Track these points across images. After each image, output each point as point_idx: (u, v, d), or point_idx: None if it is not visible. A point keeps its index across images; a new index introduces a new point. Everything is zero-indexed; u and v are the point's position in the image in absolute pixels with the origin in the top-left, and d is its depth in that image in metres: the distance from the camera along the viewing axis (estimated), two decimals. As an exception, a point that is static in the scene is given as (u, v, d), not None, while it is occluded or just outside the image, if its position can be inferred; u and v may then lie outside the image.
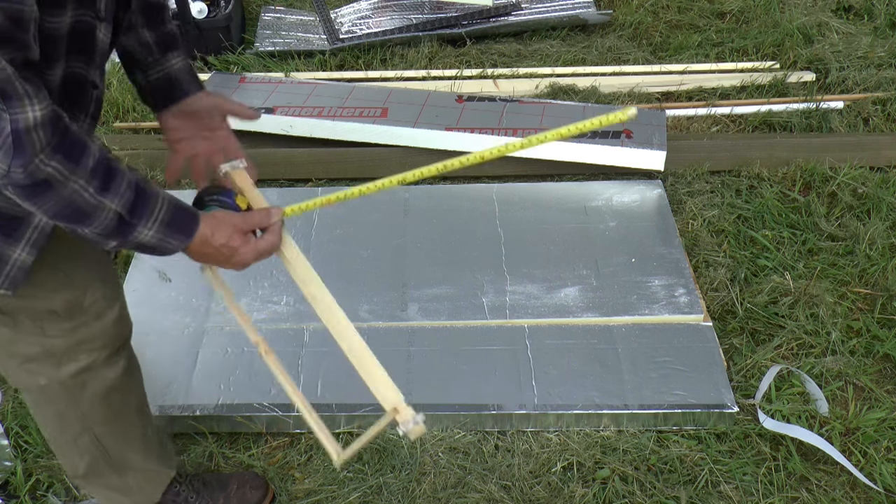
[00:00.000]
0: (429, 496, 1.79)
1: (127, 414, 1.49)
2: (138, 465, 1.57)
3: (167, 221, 1.12)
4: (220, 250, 1.21)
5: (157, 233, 1.11)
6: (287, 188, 2.62)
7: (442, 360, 2.01)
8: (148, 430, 1.57)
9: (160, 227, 1.11)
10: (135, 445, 1.54)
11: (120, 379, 1.42)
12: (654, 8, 3.69)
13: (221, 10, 3.31)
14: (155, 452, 1.60)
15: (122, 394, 1.46)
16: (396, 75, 3.20)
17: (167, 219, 1.12)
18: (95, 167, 1.03)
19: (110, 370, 1.40)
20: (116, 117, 2.99)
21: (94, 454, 1.49)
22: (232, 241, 1.21)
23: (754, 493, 1.80)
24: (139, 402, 1.53)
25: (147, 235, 1.10)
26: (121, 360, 1.43)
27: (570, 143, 2.59)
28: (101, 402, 1.41)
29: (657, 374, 1.97)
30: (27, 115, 0.93)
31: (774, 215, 2.51)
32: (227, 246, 1.21)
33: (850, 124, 2.93)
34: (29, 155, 0.94)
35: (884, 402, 1.99)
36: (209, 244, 1.19)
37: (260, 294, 2.19)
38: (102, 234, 1.07)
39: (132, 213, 1.08)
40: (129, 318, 1.47)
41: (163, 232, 1.12)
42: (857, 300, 2.26)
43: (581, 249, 2.32)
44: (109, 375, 1.40)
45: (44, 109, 0.95)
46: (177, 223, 1.14)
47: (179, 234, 1.15)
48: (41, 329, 1.28)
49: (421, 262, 2.29)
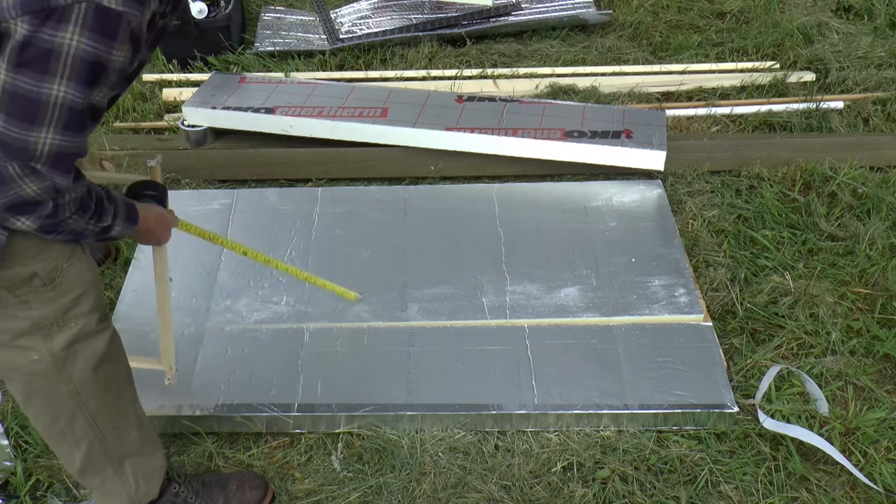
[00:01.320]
0: (429, 496, 1.79)
1: (118, 384, 1.50)
2: (135, 448, 1.56)
3: (125, 217, 1.40)
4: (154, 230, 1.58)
5: (120, 225, 1.39)
6: (287, 188, 2.62)
7: (442, 360, 2.01)
8: (138, 405, 1.58)
9: (123, 221, 1.39)
10: (129, 419, 1.54)
11: (108, 347, 1.45)
12: (654, 8, 3.69)
13: (221, 10, 3.31)
14: (148, 431, 1.60)
15: (112, 363, 1.47)
16: (396, 75, 3.20)
17: (125, 215, 1.40)
18: (94, 215, 1.32)
19: (99, 339, 1.43)
20: (116, 117, 2.99)
21: (90, 441, 1.49)
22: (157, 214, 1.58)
23: (754, 493, 1.80)
24: (127, 370, 1.54)
25: (117, 230, 1.39)
26: (108, 327, 1.46)
27: (571, 143, 2.59)
28: (93, 374, 1.43)
29: (657, 374, 1.97)
30: (67, 196, 1.24)
31: (774, 215, 2.51)
32: (161, 224, 1.59)
33: (850, 124, 2.93)
34: (60, 218, 1.25)
35: (884, 402, 1.99)
36: (148, 226, 1.53)
37: (260, 294, 2.19)
38: (94, 238, 1.37)
39: (110, 228, 1.38)
40: (101, 287, 1.55)
41: (123, 224, 1.40)
42: (857, 300, 2.26)
43: (581, 249, 2.32)
44: (99, 344, 1.43)
45: (80, 190, 1.26)
46: (131, 215, 1.42)
47: (131, 222, 1.42)
48: (27, 303, 1.33)
49: (421, 262, 2.29)
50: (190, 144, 2.74)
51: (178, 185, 2.67)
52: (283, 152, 2.70)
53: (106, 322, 1.46)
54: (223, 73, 3.08)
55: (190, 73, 3.24)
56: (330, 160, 2.70)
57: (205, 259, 2.29)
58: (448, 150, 2.65)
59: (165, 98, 3.07)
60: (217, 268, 2.27)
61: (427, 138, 2.65)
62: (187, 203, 2.49)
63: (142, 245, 1.83)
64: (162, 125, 2.95)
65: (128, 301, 2.18)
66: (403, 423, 1.91)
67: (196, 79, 3.19)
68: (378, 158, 2.69)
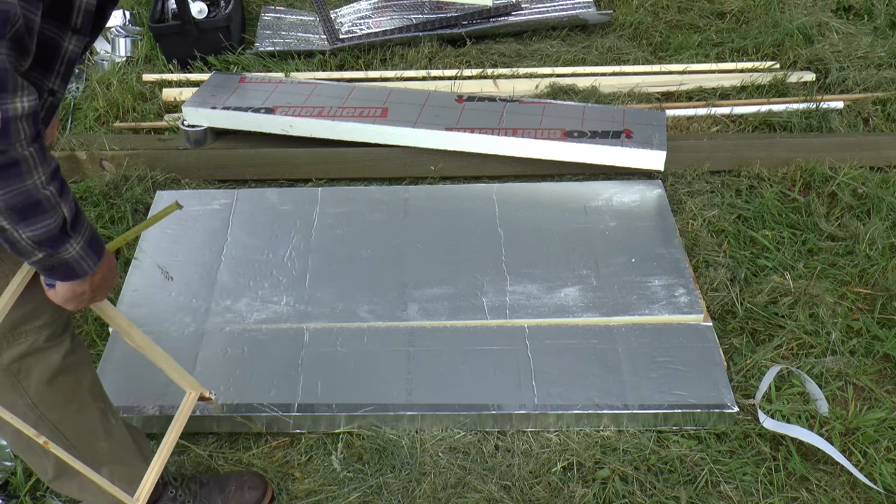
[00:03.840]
0: (429, 496, 1.79)
1: (79, 396, 1.47)
2: (107, 456, 1.53)
3: (89, 240, 1.23)
4: (113, 273, 1.34)
5: (80, 250, 1.21)
6: (287, 188, 2.62)
7: (442, 360, 2.01)
8: (109, 415, 1.54)
9: (84, 245, 1.21)
10: (97, 431, 1.51)
11: (64, 360, 1.41)
12: (654, 8, 3.69)
13: (221, 10, 3.31)
14: (122, 440, 1.56)
15: (70, 375, 1.44)
16: (396, 75, 3.20)
17: (89, 238, 1.23)
18: (56, 170, 1.14)
19: (53, 353, 1.40)
20: (116, 117, 2.99)
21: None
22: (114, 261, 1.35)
23: (754, 493, 1.80)
24: (91, 382, 1.50)
25: (74, 250, 1.20)
26: (64, 340, 1.42)
27: (571, 143, 2.58)
28: (48, 386, 1.40)
29: (657, 374, 1.97)
30: (16, 105, 1.03)
31: (774, 215, 2.51)
32: (115, 266, 1.35)
33: (850, 124, 2.93)
34: (12, 140, 1.04)
35: (884, 402, 1.99)
36: (108, 268, 1.31)
37: (260, 294, 2.19)
38: (39, 238, 1.14)
39: (73, 225, 1.18)
40: None
41: (84, 250, 1.22)
42: (857, 300, 2.26)
43: (581, 249, 2.32)
44: (54, 358, 1.40)
45: (31, 101, 1.05)
46: (95, 244, 1.25)
47: (94, 255, 1.25)
48: None
49: (421, 262, 2.29)
50: (190, 144, 2.74)
51: (178, 185, 2.67)
52: (283, 152, 2.70)
53: (61, 336, 1.41)
54: (223, 73, 3.08)
55: (190, 73, 3.24)
56: (330, 160, 2.70)
57: (205, 259, 2.29)
58: (448, 150, 2.65)
59: (165, 98, 3.07)
60: (217, 268, 2.27)
61: (427, 138, 2.65)
62: (187, 203, 2.49)
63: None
64: (162, 125, 2.95)
65: (128, 301, 2.18)
66: (403, 423, 1.91)
67: (196, 79, 3.19)
68: (378, 158, 2.69)
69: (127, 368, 1.99)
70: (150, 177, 2.63)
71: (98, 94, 3.05)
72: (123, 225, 2.48)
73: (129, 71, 3.21)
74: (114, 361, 2.01)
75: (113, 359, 2.02)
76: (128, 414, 1.87)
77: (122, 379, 1.95)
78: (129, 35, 3.43)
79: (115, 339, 2.07)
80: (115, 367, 2.00)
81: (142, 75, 3.21)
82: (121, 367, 1.99)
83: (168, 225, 2.41)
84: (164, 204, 2.49)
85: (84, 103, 3.06)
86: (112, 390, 1.63)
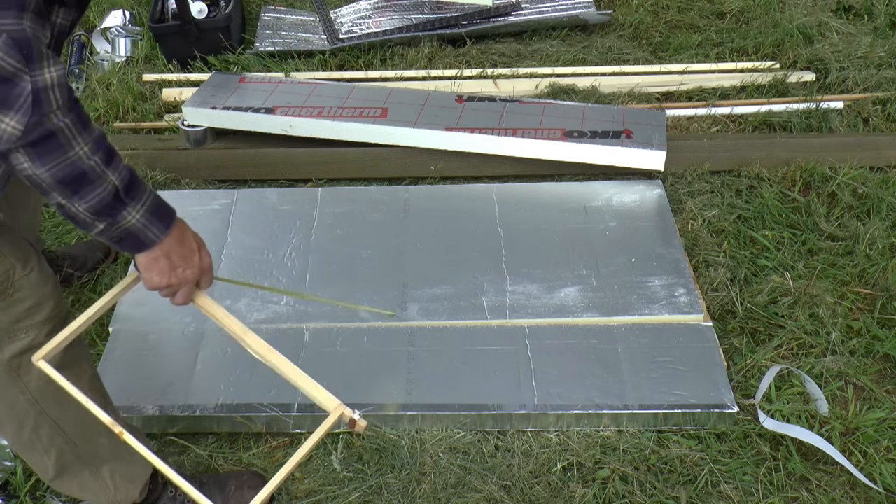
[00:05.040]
0: (429, 496, 1.79)
1: (80, 391, 1.45)
2: (108, 453, 1.53)
3: (152, 209, 1.22)
4: (188, 247, 1.30)
5: (142, 217, 1.20)
6: (287, 188, 2.62)
7: (442, 360, 2.01)
8: (108, 412, 1.49)
9: (146, 213, 1.21)
10: (97, 427, 1.48)
11: (64, 355, 1.41)
12: (654, 8, 3.69)
13: (221, 10, 3.31)
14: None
15: (69, 370, 1.42)
16: (396, 75, 3.20)
17: (153, 207, 1.22)
18: (100, 138, 1.13)
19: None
20: (116, 117, 2.99)
21: (60, 447, 1.46)
22: (200, 239, 1.32)
23: (754, 493, 1.80)
24: (91, 378, 1.50)
25: (134, 219, 1.19)
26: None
27: (571, 143, 2.58)
28: (49, 382, 1.39)
29: (657, 374, 1.97)
30: (45, 76, 1.03)
31: (774, 215, 2.51)
32: (195, 243, 1.31)
33: (850, 124, 2.93)
34: (45, 110, 1.04)
35: (884, 402, 1.99)
36: (181, 240, 1.28)
37: (260, 294, 2.19)
38: (95, 208, 1.14)
39: (127, 193, 1.17)
40: (64, 298, 1.47)
41: (147, 218, 1.21)
42: (857, 300, 2.26)
43: (581, 249, 2.32)
44: (54, 353, 1.38)
45: (59, 71, 1.04)
46: (160, 212, 1.24)
47: (161, 223, 1.24)
48: None
49: (421, 262, 2.29)
50: (190, 144, 2.74)
51: (178, 185, 2.67)
52: (283, 152, 2.70)
53: (59, 330, 1.40)
54: (223, 73, 3.08)
55: (190, 73, 3.24)
56: (330, 160, 2.70)
57: (205, 259, 2.29)
58: (448, 150, 2.65)
59: (165, 98, 3.07)
60: (217, 268, 2.27)
61: (427, 138, 2.65)
62: (187, 203, 2.49)
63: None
64: (162, 125, 2.95)
65: (128, 301, 2.17)
66: (403, 423, 1.91)
67: (196, 79, 3.19)
68: (378, 158, 2.69)
69: (127, 368, 1.99)
70: (150, 177, 2.63)
71: (98, 94, 3.05)
72: (123, 225, 2.48)
73: (129, 71, 3.21)
74: (114, 361, 2.01)
75: (113, 359, 2.02)
76: (128, 414, 1.87)
77: (122, 379, 1.95)
78: (129, 35, 3.43)
79: (115, 339, 2.07)
80: (115, 367, 2.00)
81: (142, 75, 3.21)
82: (121, 367, 2.00)
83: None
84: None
85: (84, 103, 3.06)
86: (112, 390, 1.63)
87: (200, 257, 1.32)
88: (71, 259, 2.26)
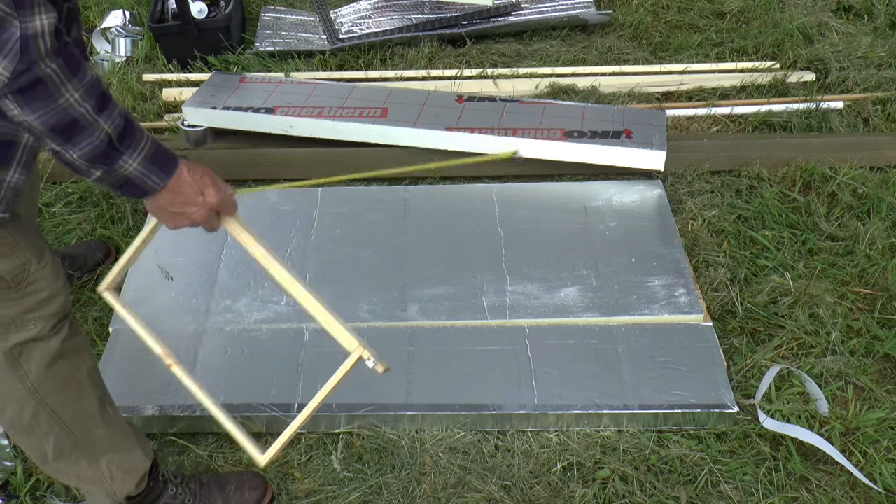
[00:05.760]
0: (429, 496, 1.79)
1: (78, 380, 1.48)
2: (105, 445, 1.54)
3: (150, 156, 1.19)
4: (191, 190, 1.26)
5: (140, 165, 1.18)
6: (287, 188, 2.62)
7: (442, 360, 2.01)
8: (107, 404, 1.55)
9: (143, 161, 1.18)
10: (95, 418, 1.51)
11: (63, 345, 1.43)
12: (654, 8, 3.69)
13: (221, 10, 3.31)
14: (120, 430, 1.57)
15: (69, 360, 1.45)
16: (396, 75, 3.20)
17: (150, 153, 1.19)
18: (92, 85, 1.10)
19: (54, 338, 1.42)
20: (116, 117, 2.99)
21: (57, 434, 1.47)
22: (206, 178, 1.28)
23: (754, 493, 1.80)
24: (90, 370, 1.51)
25: (131, 167, 1.18)
26: (64, 326, 1.44)
27: (570, 143, 2.58)
28: (48, 370, 1.41)
29: (657, 374, 1.97)
30: (35, 23, 1.02)
31: (774, 215, 2.51)
32: (201, 182, 1.27)
33: (850, 124, 2.93)
34: (34, 57, 1.03)
35: (884, 402, 1.99)
36: (181, 187, 1.25)
37: (260, 294, 2.19)
38: (89, 156, 1.13)
39: (121, 140, 1.15)
40: (70, 295, 1.49)
41: (145, 166, 1.19)
42: (857, 300, 2.26)
43: (581, 249, 2.32)
44: (53, 342, 1.41)
45: (50, 19, 1.03)
46: (159, 159, 1.21)
47: (161, 170, 1.21)
48: None
49: (421, 262, 2.29)
50: (190, 144, 2.74)
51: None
52: (283, 152, 2.70)
53: (63, 322, 1.43)
54: (223, 73, 3.08)
55: (190, 73, 3.24)
56: (330, 160, 2.70)
57: (205, 259, 2.29)
58: (448, 150, 2.65)
59: (165, 98, 3.07)
60: (217, 268, 2.27)
61: (427, 138, 2.65)
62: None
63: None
64: (162, 125, 2.95)
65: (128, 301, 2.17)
66: (403, 423, 1.91)
67: (196, 79, 3.19)
68: (378, 158, 2.69)
69: (127, 368, 1.99)
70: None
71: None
72: (123, 225, 2.48)
73: (129, 71, 3.22)
74: (114, 361, 2.01)
75: (113, 359, 2.02)
76: (128, 414, 1.87)
77: (122, 379, 1.95)
78: (129, 35, 3.43)
79: (115, 339, 2.07)
80: (115, 367, 2.00)
81: (142, 75, 3.21)
82: (121, 367, 2.00)
83: (168, 225, 2.41)
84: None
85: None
86: (112, 390, 1.62)
87: (206, 196, 1.28)
88: (71, 259, 2.27)
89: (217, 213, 1.33)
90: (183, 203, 1.27)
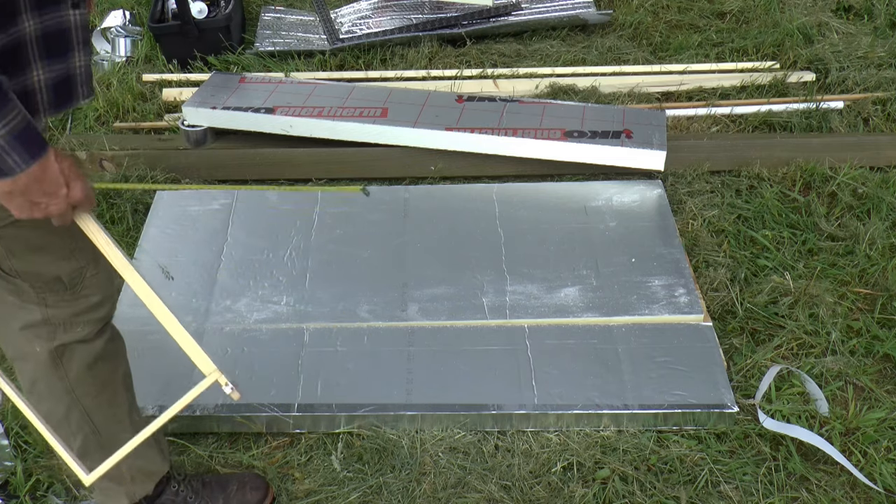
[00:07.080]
0: (429, 496, 1.79)
1: (114, 385, 1.51)
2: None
3: (17, 133, 1.06)
4: (53, 182, 1.14)
5: (3, 140, 1.05)
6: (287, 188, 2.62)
7: (442, 360, 2.01)
8: (134, 412, 1.58)
9: (8, 135, 1.05)
10: (123, 423, 1.54)
11: (105, 347, 1.46)
12: (654, 8, 3.69)
13: (221, 10, 3.31)
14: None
15: (108, 363, 1.48)
16: (396, 75, 3.20)
17: (19, 129, 1.06)
18: None
19: (98, 340, 1.45)
20: (116, 117, 2.99)
21: (85, 432, 1.49)
22: (73, 170, 1.16)
23: (754, 493, 1.80)
24: (124, 374, 1.54)
25: None
26: (107, 330, 1.47)
27: (571, 143, 2.58)
28: (88, 371, 1.44)
29: (657, 374, 1.97)
30: None
31: (774, 215, 2.51)
32: (68, 174, 1.15)
33: (850, 124, 2.93)
34: None
35: (884, 402, 1.99)
36: (43, 177, 1.12)
37: (260, 294, 2.19)
38: None
39: None
40: (116, 301, 1.51)
41: (8, 141, 1.05)
42: (857, 300, 2.25)
43: (581, 249, 2.32)
44: (97, 343, 1.44)
45: None
46: (27, 139, 1.08)
47: (25, 151, 1.08)
48: (44, 300, 1.35)
49: (421, 262, 2.29)
50: (190, 144, 2.74)
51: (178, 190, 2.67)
52: (283, 152, 2.70)
53: (106, 327, 1.47)
54: (223, 73, 3.08)
55: (190, 73, 3.24)
56: (330, 160, 2.70)
57: (205, 259, 2.29)
58: (448, 150, 2.65)
59: (165, 98, 3.07)
60: (217, 268, 2.27)
61: (427, 138, 2.65)
62: (187, 203, 2.49)
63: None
64: (162, 125, 2.95)
65: (128, 301, 2.17)
66: (403, 423, 1.91)
67: (196, 79, 3.19)
68: (378, 158, 2.69)
69: (127, 368, 1.99)
70: (150, 177, 2.63)
71: (98, 94, 3.05)
72: (123, 225, 2.48)
73: (129, 71, 3.22)
74: (114, 361, 2.01)
75: (113, 359, 2.02)
76: (128, 414, 1.87)
77: (122, 379, 1.95)
78: (129, 35, 3.43)
79: (115, 339, 2.07)
80: (115, 367, 2.00)
81: (142, 75, 3.21)
82: (121, 367, 2.00)
83: (168, 225, 2.41)
84: (165, 204, 2.50)
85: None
86: (112, 390, 1.63)
87: (71, 190, 1.17)
88: None
89: (74, 207, 1.22)
90: (44, 193, 1.14)
